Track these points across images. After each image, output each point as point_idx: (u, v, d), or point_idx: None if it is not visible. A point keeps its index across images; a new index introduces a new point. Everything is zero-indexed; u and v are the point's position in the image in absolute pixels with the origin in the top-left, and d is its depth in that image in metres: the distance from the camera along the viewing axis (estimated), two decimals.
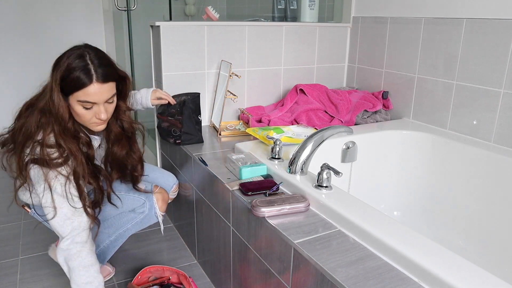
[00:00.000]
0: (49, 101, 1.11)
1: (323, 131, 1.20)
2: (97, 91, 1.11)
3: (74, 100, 1.12)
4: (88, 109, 1.13)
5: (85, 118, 1.15)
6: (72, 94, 1.10)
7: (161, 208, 1.39)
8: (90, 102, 1.12)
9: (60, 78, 1.09)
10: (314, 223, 1.01)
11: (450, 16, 1.62)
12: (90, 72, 1.09)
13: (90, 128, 1.21)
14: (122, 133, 1.30)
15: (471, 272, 0.77)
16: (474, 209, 1.48)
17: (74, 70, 1.08)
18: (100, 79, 1.10)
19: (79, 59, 1.09)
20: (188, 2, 2.89)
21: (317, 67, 2.11)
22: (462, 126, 1.63)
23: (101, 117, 1.15)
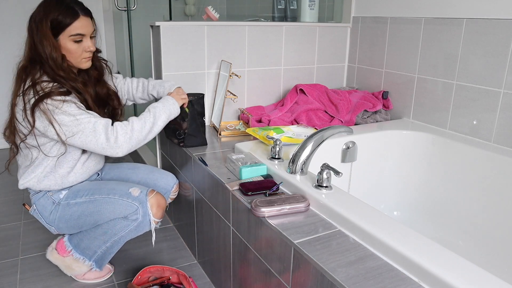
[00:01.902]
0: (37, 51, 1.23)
1: (323, 131, 1.20)
2: (85, 23, 1.25)
3: (66, 37, 1.23)
4: (79, 43, 1.26)
5: (76, 53, 1.27)
6: (64, 32, 1.22)
7: (155, 214, 1.34)
8: (81, 34, 1.25)
9: (51, 21, 1.20)
10: (314, 223, 1.01)
11: (450, 16, 1.62)
12: (75, 8, 1.23)
13: (80, 66, 1.31)
14: (99, 73, 1.42)
15: (471, 272, 0.77)
16: (474, 209, 1.48)
17: (62, 10, 1.21)
18: (83, 13, 1.25)
19: (60, 2, 1.22)
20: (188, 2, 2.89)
21: (317, 67, 2.11)
22: (462, 126, 1.63)
23: (91, 49, 1.28)
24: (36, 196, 1.38)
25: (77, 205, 1.35)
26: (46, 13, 1.20)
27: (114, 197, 1.33)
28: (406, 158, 1.71)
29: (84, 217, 1.34)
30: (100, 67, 1.43)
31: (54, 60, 1.22)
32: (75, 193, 1.36)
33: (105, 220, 1.34)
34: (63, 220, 1.37)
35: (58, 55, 1.23)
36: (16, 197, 2.12)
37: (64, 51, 1.25)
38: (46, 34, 1.20)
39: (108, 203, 1.32)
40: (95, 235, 1.37)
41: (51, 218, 1.37)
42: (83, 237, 1.40)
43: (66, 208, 1.35)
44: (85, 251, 1.42)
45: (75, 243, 1.43)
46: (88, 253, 1.42)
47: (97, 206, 1.33)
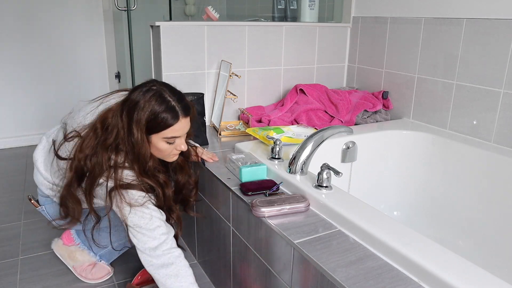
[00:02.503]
0: (126, 141, 1.10)
1: (323, 131, 1.20)
2: (183, 126, 1.13)
3: (159, 138, 1.12)
4: (171, 144, 1.14)
5: (166, 152, 1.16)
6: (158, 133, 1.11)
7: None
8: (176, 137, 1.13)
9: (146, 120, 1.08)
10: (314, 223, 1.01)
11: (450, 16, 1.62)
12: (175, 110, 1.10)
13: (167, 160, 1.21)
14: (184, 160, 1.31)
15: (471, 272, 0.77)
16: (474, 209, 1.48)
17: (161, 111, 1.08)
18: (184, 114, 1.12)
19: (160, 98, 1.09)
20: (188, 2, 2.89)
21: (317, 67, 2.11)
22: (462, 126, 1.63)
23: (182, 149, 1.17)
24: (47, 200, 1.38)
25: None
26: (141, 108, 1.08)
27: None
28: (406, 158, 1.71)
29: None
30: (188, 154, 1.32)
31: (142, 156, 1.12)
32: None
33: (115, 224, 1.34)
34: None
35: (148, 152, 1.13)
36: (16, 197, 2.11)
37: (152, 148, 1.14)
38: (139, 131, 1.09)
39: None
40: (105, 234, 1.36)
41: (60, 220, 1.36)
42: None
43: None
44: (92, 246, 1.44)
45: (83, 238, 1.44)
46: (95, 248, 1.44)
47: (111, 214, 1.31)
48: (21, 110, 2.91)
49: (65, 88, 2.99)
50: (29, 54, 2.85)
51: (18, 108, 2.90)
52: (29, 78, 2.88)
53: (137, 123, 1.08)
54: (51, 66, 2.92)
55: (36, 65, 2.88)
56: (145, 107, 1.07)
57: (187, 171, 1.32)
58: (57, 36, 2.90)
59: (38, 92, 2.92)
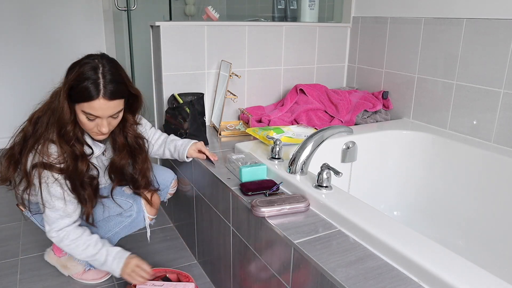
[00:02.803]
0: (57, 102, 1.15)
1: (323, 131, 1.20)
2: (102, 107, 1.12)
3: (79, 109, 1.14)
4: (91, 120, 1.15)
5: (87, 126, 1.18)
6: (78, 103, 1.13)
7: (149, 211, 1.38)
8: (94, 115, 1.14)
9: (69, 85, 1.11)
10: (314, 223, 1.01)
11: (450, 16, 1.62)
12: (98, 87, 1.10)
13: (91, 135, 1.24)
14: (126, 144, 1.32)
15: (471, 272, 0.77)
16: (474, 209, 1.48)
17: (84, 81, 1.10)
18: (107, 96, 1.11)
19: (91, 70, 1.11)
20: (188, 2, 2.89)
21: (317, 67, 2.11)
22: (462, 126, 1.63)
23: (102, 131, 1.17)
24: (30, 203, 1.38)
25: None
26: (73, 72, 1.12)
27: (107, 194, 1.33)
28: (406, 158, 1.71)
29: None
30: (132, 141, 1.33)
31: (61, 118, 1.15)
32: None
33: (99, 219, 1.34)
34: None
35: (67, 116, 1.14)
36: None
37: (77, 117, 1.17)
38: (63, 91, 1.12)
39: (102, 202, 1.32)
40: None
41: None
42: None
43: None
44: None
45: None
46: None
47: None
48: (21, 110, 2.91)
49: None
50: (29, 53, 2.84)
51: (17, 108, 2.90)
52: (29, 78, 2.88)
53: (64, 84, 1.13)
54: (51, 66, 2.92)
55: (36, 65, 2.88)
56: (75, 72, 1.11)
57: (125, 156, 1.32)
58: (57, 36, 2.90)
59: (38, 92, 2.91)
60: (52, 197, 1.19)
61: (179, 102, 1.62)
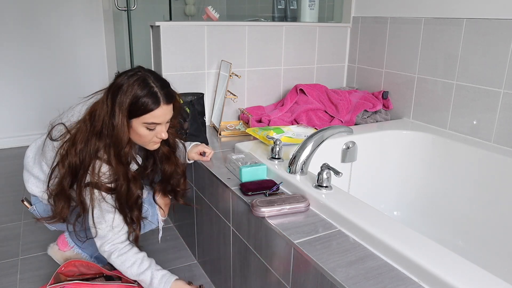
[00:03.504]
0: (108, 125, 1.12)
1: (323, 131, 1.20)
2: (164, 112, 1.14)
3: (139, 123, 1.13)
4: (151, 130, 1.16)
5: (146, 138, 1.17)
6: (138, 118, 1.12)
7: (163, 214, 1.39)
8: (156, 123, 1.14)
9: (129, 104, 1.10)
10: (314, 223, 1.01)
11: (450, 16, 1.62)
12: (157, 95, 1.12)
13: (148, 148, 1.23)
14: (170, 150, 1.32)
15: (471, 272, 0.77)
16: (474, 209, 1.48)
17: (142, 96, 1.10)
18: (166, 101, 1.13)
19: (143, 82, 1.11)
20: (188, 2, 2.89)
21: (317, 67, 2.11)
22: (462, 126, 1.63)
23: (162, 137, 1.18)
24: (37, 199, 1.38)
25: None
26: (124, 92, 1.10)
27: None
28: (406, 158, 1.71)
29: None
30: (173, 144, 1.33)
31: (120, 139, 1.13)
32: None
33: None
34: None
35: (126, 137, 1.13)
36: (16, 197, 2.11)
37: (132, 133, 1.16)
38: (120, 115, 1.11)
39: None
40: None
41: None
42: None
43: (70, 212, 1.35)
44: (88, 247, 1.43)
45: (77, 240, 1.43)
46: (91, 249, 1.43)
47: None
48: (21, 110, 2.91)
49: (65, 88, 2.98)
50: (29, 54, 2.85)
51: (18, 108, 2.90)
52: (29, 78, 2.88)
53: (119, 106, 1.10)
54: (51, 66, 2.92)
55: (36, 65, 2.88)
56: (128, 91, 1.10)
57: (174, 161, 1.33)
58: (57, 36, 2.90)
59: (38, 92, 2.92)
60: (104, 211, 1.17)
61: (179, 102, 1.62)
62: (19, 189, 2.21)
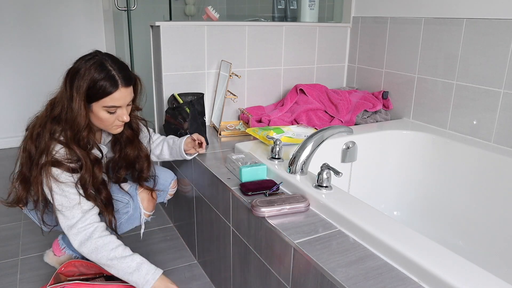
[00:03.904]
0: (67, 109, 1.13)
1: (323, 131, 1.20)
2: (123, 95, 1.15)
3: (99, 107, 1.14)
4: (112, 113, 1.16)
5: (108, 122, 1.18)
6: (98, 101, 1.13)
7: (146, 208, 1.37)
8: (116, 106, 1.15)
9: (86, 88, 1.11)
10: (314, 223, 1.01)
11: (450, 16, 1.62)
12: (115, 78, 1.12)
13: (111, 132, 1.23)
14: (133, 133, 1.33)
15: (471, 272, 0.77)
16: (474, 209, 1.48)
17: (100, 79, 1.11)
18: (124, 84, 1.14)
19: (100, 66, 1.12)
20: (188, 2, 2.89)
21: (317, 67, 2.11)
22: (462, 126, 1.63)
23: (124, 119, 1.19)
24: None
25: None
26: (82, 76, 1.11)
27: None
28: (406, 158, 1.71)
29: None
30: (136, 127, 1.34)
31: (77, 123, 1.13)
32: None
33: None
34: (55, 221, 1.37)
35: (83, 121, 1.13)
36: None
37: (94, 118, 1.17)
38: (78, 99, 1.11)
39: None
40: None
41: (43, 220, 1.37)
42: None
43: None
44: None
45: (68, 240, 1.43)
46: None
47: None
48: (21, 110, 2.91)
49: None
50: (29, 54, 2.85)
51: (18, 108, 2.90)
52: (29, 78, 2.88)
53: (77, 90, 1.11)
54: (51, 66, 2.92)
55: (36, 65, 2.88)
56: (85, 75, 1.10)
57: (136, 144, 1.34)
58: (57, 36, 2.90)
59: (38, 92, 2.91)
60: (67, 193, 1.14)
61: (179, 102, 1.62)
62: None
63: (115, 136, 1.30)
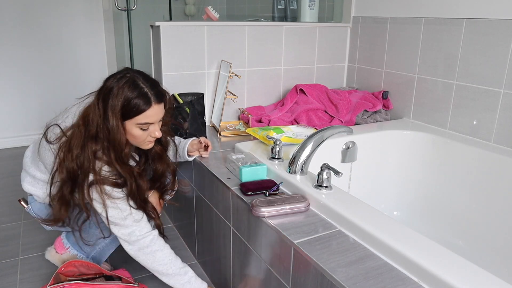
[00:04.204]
0: (103, 128, 1.14)
1: (323, 131, 1.20)
2: (156, 112, 1.16)
3: (132, 124, 1.16)
4: (145, 130, 1.18)
5: (140, 138, 1.20)
6: (131, 119, 1.15)
7: None
8: (149, 123, 1.17)
9: (121, 107, 1.12)
10: (314, 223, 1.01)
11: (450, 16, 1.62)
12: (148, 96, 1.14)
13: (142, 147, 1.25)
14: (162, 149, 1.34)
15: (471, 272, 0.77)
16: (474, 209, 1.48)
17: (134, 97, 1.12)
18: (157, 100, 1.16)
19: (133, 84, 1.13)
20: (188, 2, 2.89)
21: (317, 67, 2.11)
22: (462, 126, 1.63)
23: (156, 135, 1.20)
24: (32, 198, 1.38)
25: None
26: (115, 95, 1.12)
27: None
28: (406, 158, 1.71)
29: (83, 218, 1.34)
30: (165, 142, 1.36)
31: (118, 142, 1.15)
32: None
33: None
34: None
35: (122, 138, 1.16)
36: (16, 197, 2.11)
37: (127, 134, 1.18)
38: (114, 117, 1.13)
39: None
40: (93, 232, 1.37)
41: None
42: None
43: None
44: (83, 248, 1.42)
45: (73, 240, 1.43)
46: (87, 249, 1.42)
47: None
48: (21, 110, 2.91)
49: (65, 88, 2.99)
50: (29, 54, 2.85)
51: (18, 108, 2.90)
52: (29, 78, 2.88)
53: (111, 110, 1.12)
54: (51, 66, 2.92)
55: (36, 65, 2.88)
56: (119, 94, 1.12)
57: (165, 160, 1.36)
58: (57, 36, 2.90)
59: (38, 92, 2.92)
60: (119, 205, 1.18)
61: (179, 102, 1.62)
62: (19, 189, 2.20)
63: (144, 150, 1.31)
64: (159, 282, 1.24)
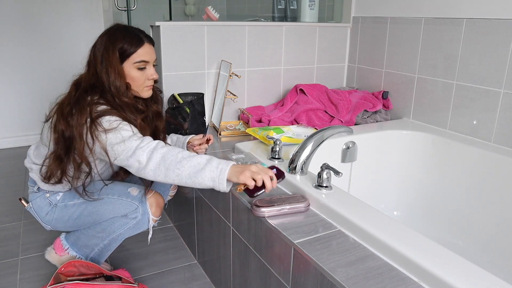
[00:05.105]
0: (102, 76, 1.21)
1: (323, 131, 1.20)
2: (148, 51, 1.26)
3: (130, 65, 1.24)
4: (142, 71, 1.26)
5: (139, 81, 1.27)
6: (128, 59, 1.23)
7: (154, 213, 1.36)
8: (145, 61, 1.25)
9: (118, 49, 1.21)
10: (314, 223, 1.01)
11: (450, 16, 1.62)
12: (139, 36, 1.25)
13: (141, 95, 1.31)
14: (158, 107, 1.40)
15: (471, 272, 0.77)
16: (474, 209, 1.48)
17: (127, 38, 1.23)
18: (147, 40, 1.27)
19: (124, 29, 1.25)
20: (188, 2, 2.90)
21: (317, 67, 2.11)
22: (462, 126, 1.63)
23: (154, 77, 1.29)
24: (34, 195, 1.38)
25: (75, 206, 1.34)
26: (112, 42, 1.22)
27: (113, 197, 1.33)
28: (406, 158, 1.71)
29: (83, 217, 1.34)
30: (159, 100, 1.42)
31: (117, 88, 1.22)
32: (73, 194, 1.36)
33: (104, 219, 1.34)
34: (61, 221, 1.37)
35: (122, 83, 1.23)
36: (16, 197, 2.11)
37: (128, 79, 1.25)
38: (112, 62, 1.21)
39: (107, 203, 1.32)
40: (93, 233, 1.37)
41: (47, 219, 1.37)
42: (80, 235, 1.40)
43: (64, 210, 1.35)
44: (82, 249, 1.42)
45: (72, 241, 1.43)
46: (86, 251, 1.42)
47: (96, 206, 1.33)
48: (21, 110, 2.91)
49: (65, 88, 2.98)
50: (29, 54, 2.84)
51: (18, 108, 2.90)
52: (29, 78, 2.88)
53: (108, 57, 1.21)
54: (51, 66, 2.92)
55: (36, 65, 2.88)
56: (112, 40, 1.22)
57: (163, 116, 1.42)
58: (57, 36, 2.90)
59: (38, 92, 2.92)
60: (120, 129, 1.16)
61: (179, 102, 1.63)
62: (19, 189, 2.21)
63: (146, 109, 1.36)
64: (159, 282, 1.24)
